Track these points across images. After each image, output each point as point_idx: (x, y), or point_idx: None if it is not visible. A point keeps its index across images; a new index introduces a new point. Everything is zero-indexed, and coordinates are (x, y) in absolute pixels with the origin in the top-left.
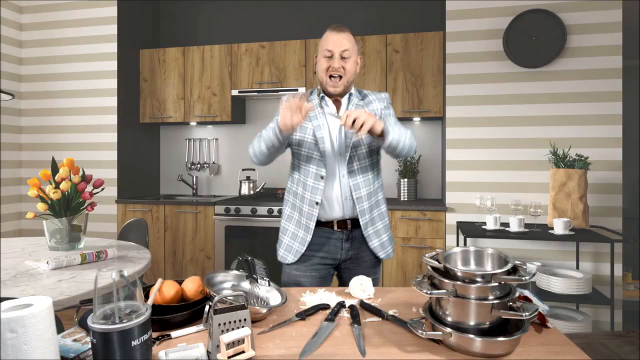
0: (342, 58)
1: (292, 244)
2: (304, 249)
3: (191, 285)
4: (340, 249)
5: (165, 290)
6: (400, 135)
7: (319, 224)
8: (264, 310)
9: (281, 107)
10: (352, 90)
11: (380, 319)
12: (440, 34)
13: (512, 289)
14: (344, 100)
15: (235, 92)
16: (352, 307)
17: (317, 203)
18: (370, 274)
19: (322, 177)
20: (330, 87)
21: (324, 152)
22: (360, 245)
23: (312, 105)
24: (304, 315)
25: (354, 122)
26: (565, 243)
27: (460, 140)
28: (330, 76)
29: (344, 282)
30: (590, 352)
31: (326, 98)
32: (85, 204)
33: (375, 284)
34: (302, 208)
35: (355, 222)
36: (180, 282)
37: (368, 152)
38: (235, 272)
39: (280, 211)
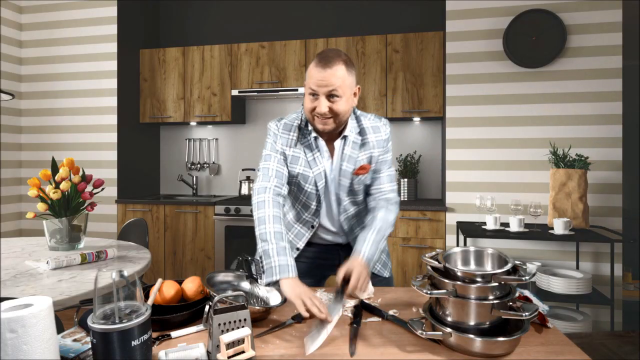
0: (330, 98)
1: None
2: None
3: (191, 285)
4: (338, 254)
5: (165, 290)
6: (379, 252)
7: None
8: (264, 310)
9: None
10: (349, 126)
11: (380, 319)
12: (440, 34)
13: (512, 289)
14: (338, 143)
15: (235, 92)
16: (355, 307)
17: (297, 249)
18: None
19: (312, 227)
20: (318, 125)
21: (312, 195)
22: None
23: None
24: (300, 318)
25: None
26: (565, 243)
27: (460, 140)
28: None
29: None
30: (590, 352)
31: (319, 138)
32: (85, 204)
33: (388, 283)
34: (294, 227)
35: None
36: (180, 282)
37: (362, 190)
38: (235, 272)
39: None
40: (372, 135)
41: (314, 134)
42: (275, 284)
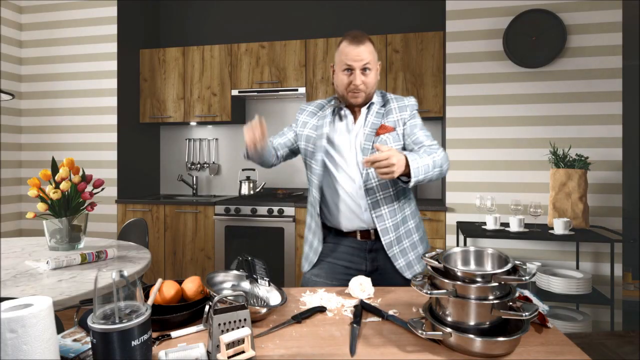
0: (363, 71)
1: (309, 253)
2: (316, 257)
3: (191, 285)
4: (365, 259)
5: (165, 290)
6: (426, 170)
7: (342, 233)
8: (264, 310)
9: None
10: (375, 97)
11: (380, 319)
12: (440, 34)
13: (512, 289)
14: (363, 110)
15: (235, 92)
16: (356, 307)
17: (317, 214)
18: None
19: (320, 189)
20: (352, 99)
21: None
22: (386, 257)
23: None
24: (300, 318)
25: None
26: (565, 243)
27: (460, 140)
28: (351, 91)
29: None
30: (590, 352)
31: (344, 109)
32: (85, 204)
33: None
34: (315, 218)
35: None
36: (180, 282)
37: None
38: (235, 272)
39: (280, 211)
40: (394, 103)
41: (336, 103)
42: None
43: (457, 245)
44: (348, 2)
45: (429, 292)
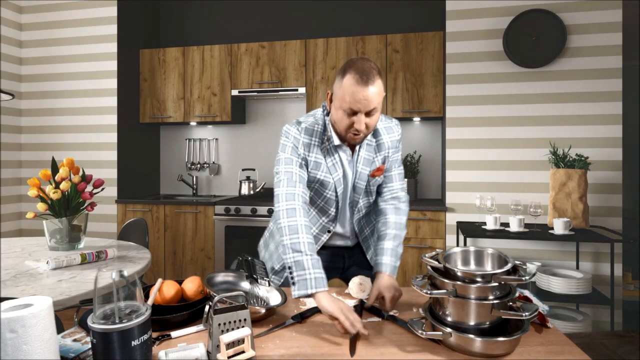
0: (368, 114)
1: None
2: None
3: (191, 285)
4: (342, 257)
5: (165, 290)
6: (400, 254)
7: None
8: (264, 310)
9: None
10: None
11: (380, 319)
12: (440, 34)
13: (512, 289)
14: (355, 149)
15: (235, 92)
16: (355, 307)
17: (329, 231)
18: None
19: (329, 231)
20: (351, 140)
21: (331, 201)
22: (361, 252)
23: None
24: (300, 318)
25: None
26: (565, 243)
27: (460, 140)
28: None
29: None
30: (590, 352)
31: (343, 146)
32: (85, 204)
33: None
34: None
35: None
36: (180, 282)
37: (372, 189)
38: (235, 272)
39: None
40: (385, 137)
41: (336, 142)
42: (308, 297)
43: (457, 245)
44: (348, 2)
45: (429, 292)
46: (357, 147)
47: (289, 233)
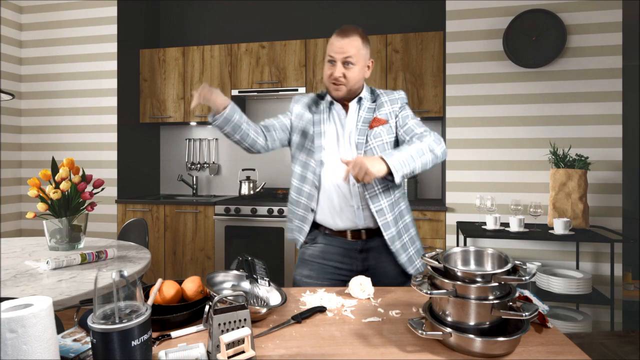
0: (345, 65)
1: (301, 226)
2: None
3: (191, 285)
4: (355, 259)
5: (165, 290)
6: (409, 161)
7: (331, 233)
8: (264, 310)
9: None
10: (363, 92)
11: (380, 319)
12: (440, 34)
13: (512, 289)
14: (353, 105)
15: (235, 92)
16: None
17: (312, 210)
18: (402, 284)
19: (316, 187)
20: (333, 91)
21: (321, 162)
22: (379, 255)
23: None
24: (300, 318)
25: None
26: (565, 243)
27: (460, 140)
28: (333, 82)
29: None
30: (590, 352)
31: (335, 103)
32: (85, 204)
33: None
34: (296, 211)
35: (370, 231)
36: (180, 282)
37: (375, 145)
38: (235, 272)
39: (280, 211)
40: (384, 97)
41: (329, 99)
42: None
43: (457, 245)
44: (348, 2)
45: (429, 292)
46: (357, 107)
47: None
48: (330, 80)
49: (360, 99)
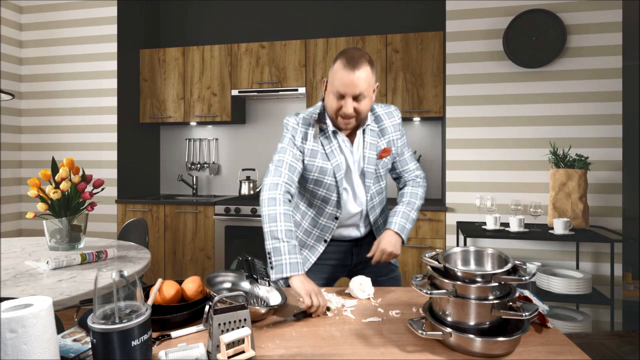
0: (356, 99)
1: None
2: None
3: (191, 285)
4: (351, 254)
5: (165, 290)
6: (412, 222)
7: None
8: (264, 310)
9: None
10: (367, 120)
11: (380, 319)
12: (440, 34)
13: (512, 289)
14: (359, 135)
15: (235, 92)
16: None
17: (325, 241)
18: (389, 273)
19: (336, 218)
20: (341, 125)
21: (332, 187)
22: (370, 248)
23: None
24: (302, 316)
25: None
26: (565, 243)
27: (460, 140)
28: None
29: None
30: (590, 352)
31: (339, 133)
32: (85, 204)
33: (396, 282)
34: (306, 241)
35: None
36: (180, 282)
37: (386, 175)
38: (235, 272)
39: None
40: (387, 121)
41: (332, 128)
42: (285, 280)
43: (457, 245)
44: (348, 2)
45: (429, 292)
46: (362, 134)
47: (269, 221)
48: (339, 114)
49: (364, 128)
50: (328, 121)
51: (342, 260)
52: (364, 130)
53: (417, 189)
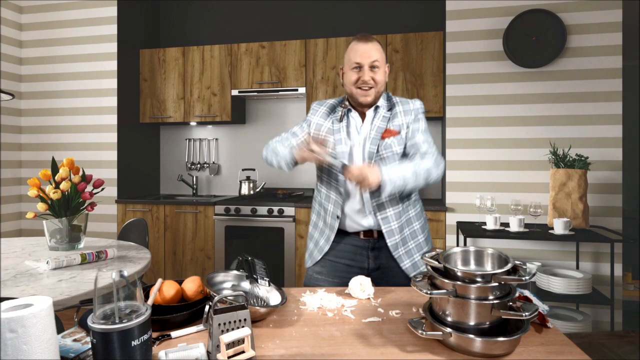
0: (372, 69)
1: (313, 250)
2: (320, 256)
3: (191, 285)
4: (367, 257)
5: (165, 290)
6: (402, 179)
7: (345, 232)
8: (264, 310)
9: (303, 142)
10: (380, 100)
11: (380, 319)
12: (440, 34)
13: (512, 289)
14: (370, 113)
15: (235, 92)
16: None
17: (337, 216)
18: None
19: (340, 193)
20: (362, 96)
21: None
22: (389, 256)
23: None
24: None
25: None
26: (565, 243)
27: (460, 140)
28: (360, 87)
29: None
30: (590, 352)
31: (352, 111)
32: (85, 204)
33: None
34: (325, 218)
35: (382, 232)
36: (180, 282)
37: (385, 155)
38: (235, 272)
39: (280, 211)
40: (399, 107)
41: (346, 105)
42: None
43: (457, 245)
44: (348, 2)
45: (429, 292)
46: (373, 115)
47: (272, 151)
48: (358, 85)
49: (376, 107)
50: (347, 103)
51: (359, 262)
52: (375, 114)
53: (423, 161)
